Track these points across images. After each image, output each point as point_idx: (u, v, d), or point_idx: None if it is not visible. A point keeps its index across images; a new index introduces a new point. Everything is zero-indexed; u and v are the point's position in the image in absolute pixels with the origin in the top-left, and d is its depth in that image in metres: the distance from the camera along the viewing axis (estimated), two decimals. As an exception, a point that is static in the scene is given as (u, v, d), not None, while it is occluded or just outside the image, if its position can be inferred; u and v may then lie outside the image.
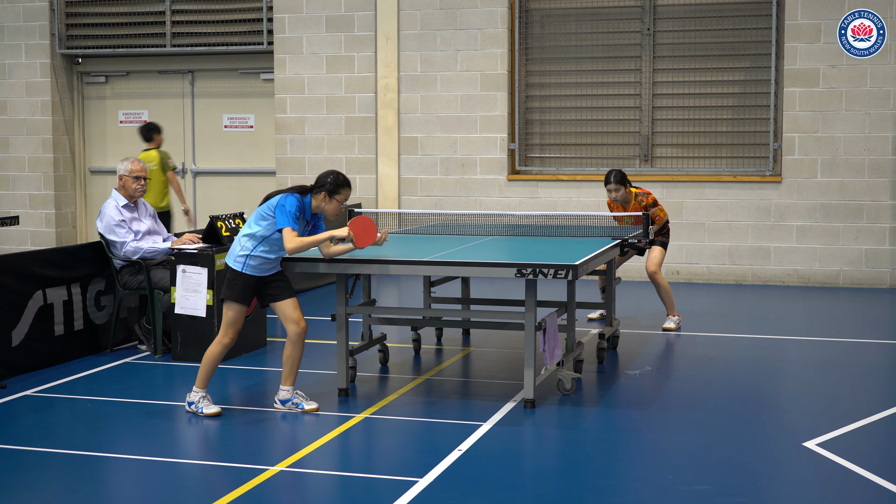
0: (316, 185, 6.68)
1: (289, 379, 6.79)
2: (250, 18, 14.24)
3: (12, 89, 14.97)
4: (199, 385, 6.74)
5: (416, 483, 5.43)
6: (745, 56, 12.71)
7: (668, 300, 9.79)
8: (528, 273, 6.55)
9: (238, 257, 6.64)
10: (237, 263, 6.63)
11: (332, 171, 6.72)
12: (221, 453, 6.03)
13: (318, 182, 6.68)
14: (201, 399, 6.72)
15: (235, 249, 6.67)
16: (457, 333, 9.28)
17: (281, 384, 6.84)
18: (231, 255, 6.68)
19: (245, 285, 6.62)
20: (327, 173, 6.69)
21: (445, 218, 11.55)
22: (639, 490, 5.47)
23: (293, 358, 6.73)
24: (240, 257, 6.63)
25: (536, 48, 13.30)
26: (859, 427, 6.50)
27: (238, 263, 6.63)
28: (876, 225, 12.28)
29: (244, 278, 6.62)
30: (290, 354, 6.72)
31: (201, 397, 6.73)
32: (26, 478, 5.63)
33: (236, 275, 6.63)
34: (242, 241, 6.65)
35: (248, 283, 6.62)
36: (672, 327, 9.68)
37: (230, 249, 6.72)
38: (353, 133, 13.75)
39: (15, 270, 7.90)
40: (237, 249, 6.66)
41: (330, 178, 6.65)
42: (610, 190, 9.45)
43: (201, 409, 6.68)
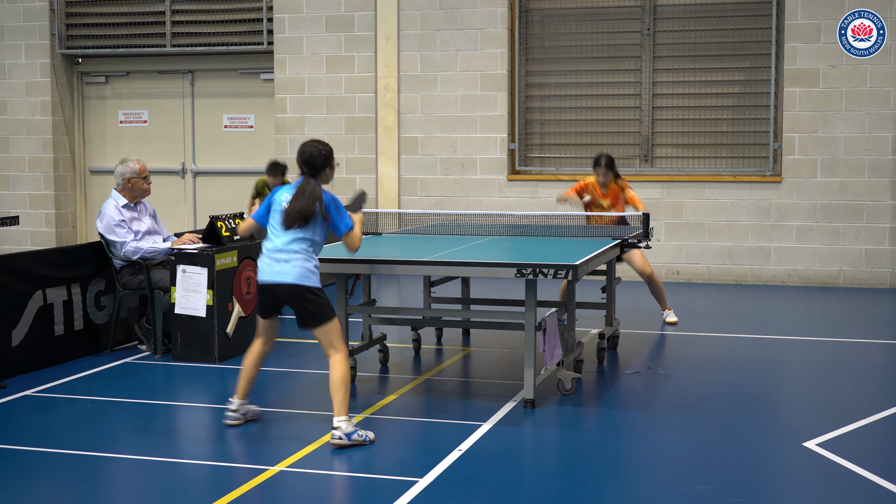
0: (318, 166, 6.20)
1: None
2: (250, 18, 14.24)
3: (12, 89, 14.97)
4: (343, 412, 6.02)
5: (416, 483, 5.43)
6: (745, 56, 12.72)
7: (662, 296, 10.02)
8: (528, 273, 6.55)
9: (313, 272, 6.14)
10: (316, 279, 6.14)
11: (314, 145, 6.23)
12: (221, 453, 6.02)
13: (318, 161, 6.19)
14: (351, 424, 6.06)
15: (303, 265, 6.09)
16: (457, 333, 9.28)
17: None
18: (298, 275, 6.08)
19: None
20: (315, 150, 6.19)
21: (445, 218, 11.55)
22: (639, 490, 5.47)
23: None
24: (314, 270, 6.15)
25: (536, 48, 13.30)
26: (859, 427, 6.50)
27: (317, 279, 6.15)
28: (876, 225, 12.28)
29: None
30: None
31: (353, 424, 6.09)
32: (26, 478, 5.63)
33: (322, 291, 6.15)
34: (306, 254, 6.12)
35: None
36: (675, 320, 9.98)
37: (286, 267, 6.08)
38: (353, 133, 13.75)
39: (15, 270, 7.90)
40: (306, 265, 6.11)
41: (324, 151, 6.20)
42: (598, 173, 9.68)
43: (367, 437, 6.07)
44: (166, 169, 14.95)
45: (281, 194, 6.26)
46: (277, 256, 6.15)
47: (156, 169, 14.24)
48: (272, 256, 6.18)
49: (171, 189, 14.97)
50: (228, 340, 8.33)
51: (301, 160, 6.23)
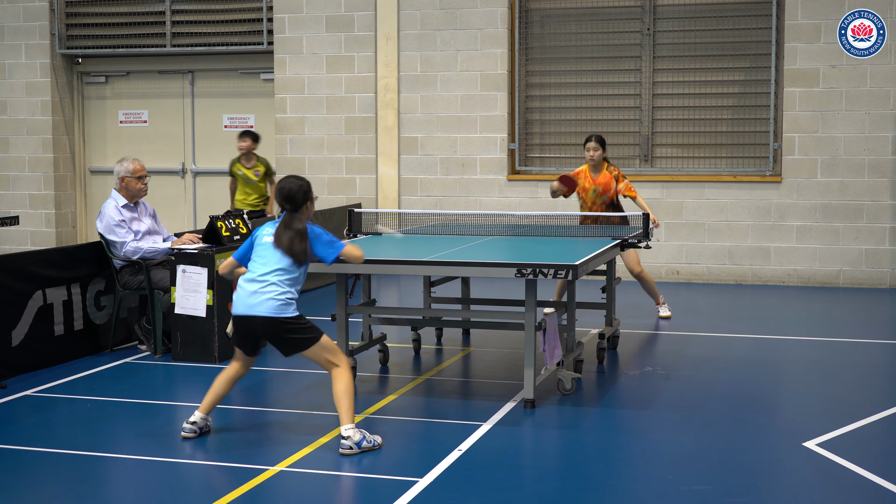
0: (299, 202, 6.12)
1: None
2: (250, 18, 14.24)
3: (12, 89, 14.97)
4: (349, 420, 5.99)
5: (416, 483, 5.43)
6: (745, 56, 12.71)
7: (655, 292, 10.16)
8: (528, 273, 6.55)
9: (288, 302, 6.05)
10: (292, 308, 6.06)
11: (293, 181, 6.16)
12: (221, 453, 6.02)
13: (299, 196, 6.11)
14: (359, 432, 6.01)
15: (277, 296, 6.01)
16: (457, 333, 9.27)
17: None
18: (274, 305, 6.00)
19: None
20: (294, 185, 6.12)
21: (445, 218, 11.55)
22: (639, 490, 5.47)
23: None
24: (290, 300, 6.06)
25: (536, 48, 13.30)
26: (859, 427, 6.50)
27: (293, 308, 6.08)
28: (876, 225, 12.28)
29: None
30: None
31: (361, 432, 6.03)
32: (26, 478, 5.63)
33: (300, 318, 6.10)
34: (282, 285, 6.02)
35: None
36: (669, 314, 10.17)
37: (264, 300, 6.00)
38: (353, 133, 13.75)
39: (15, 270, 7.90)
40: (282, 295, 6.02)
41: (304, 186, 6.13)
42: (589, 149, 9.65)
43: (375, 442, 6.04)
44: (166, 169, 14.95)
45: (263, 230, 6.19)
46: (252, 288, 6.05)
47: (156, 169, 14.24)
48: (246, 287, 6.08)
49: (171, 189, 14.97)
50: (228, 340, 8.32)
51: (280, 196, 6.12)
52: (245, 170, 12.21)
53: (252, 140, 12.23)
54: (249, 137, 12.25)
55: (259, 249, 6.17)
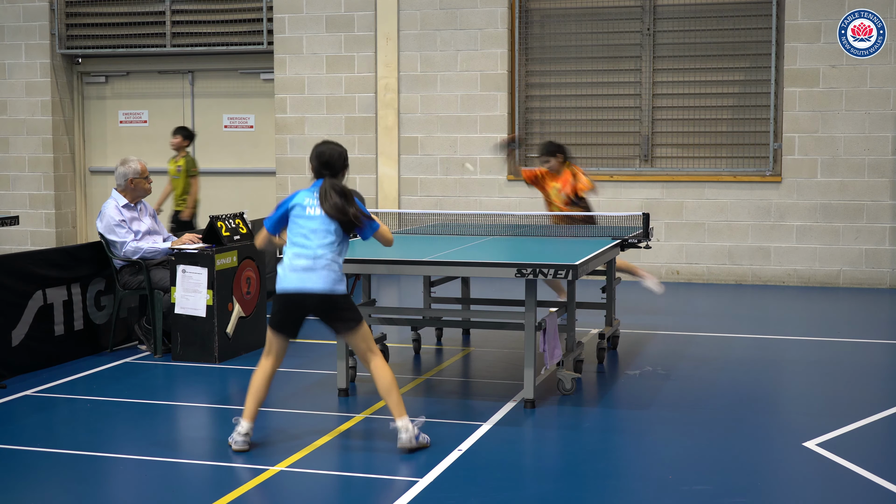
0: (337, 168, 5.95)
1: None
2: (250, 18, 14.24)
3: (12, 89, 14.97)
4: (403, 413, 5.90)
5: (416, 483, 5.43)
6: (745, 56, 12.71)
7: (633, 270, 10.05)
8: (528, 273, 6.55)
9: (342, 277, 5.91)
10: (345, 285, 5.91)
11: (330, 145, 6.00)
12: (221, 453, 6.02)
13: (338, 163, 5.95)
14: (415, 426, 5.92)
15: (331, 271, 5.84)
16: (457, 333, 9.27)
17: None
18: (329, 280, 5.84)
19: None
20: (333, 150, 5.95)
21: (445, 218, 11.55)
22: (639, 490, 5.46)
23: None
24: (342, 275, 5.91)
25: (536, 48, 13.30)
26: (859, 427, 6.50)
27: (345, 284, 5.92)
28: (876, 225, 12.28)
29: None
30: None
31: (415, 424, 5.94)
32: (26, 478, 5.63)
33: (350, 296, 5.99)
34: (333, 259, 5.86)
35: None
36: (656, 289, 10.05)
37: (319, 275, 5.82)
38: (353, 133, 13.75)
39: (15, 270, 7.90)
40: (335, 270, 5.86)
41: (342, 152, 5.96)
42: (542, 163, 9.67)
43: (427, 440, 5.96)
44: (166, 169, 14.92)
45: (301, 199, 5.93)
46: (303, 263, 5.85)
47: (156, 169, 14.22)
48: (295, 262, 5.87)
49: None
50: (228, 340, 8.32)
51: (319, 162, 5.93)
52: (172, 165, 12.10)
53: (182, 137, 12.03)
54: (179, 134, 12.06)
55: (302, 221, 5.89)
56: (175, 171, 12.01)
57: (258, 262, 8.74)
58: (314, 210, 5.91)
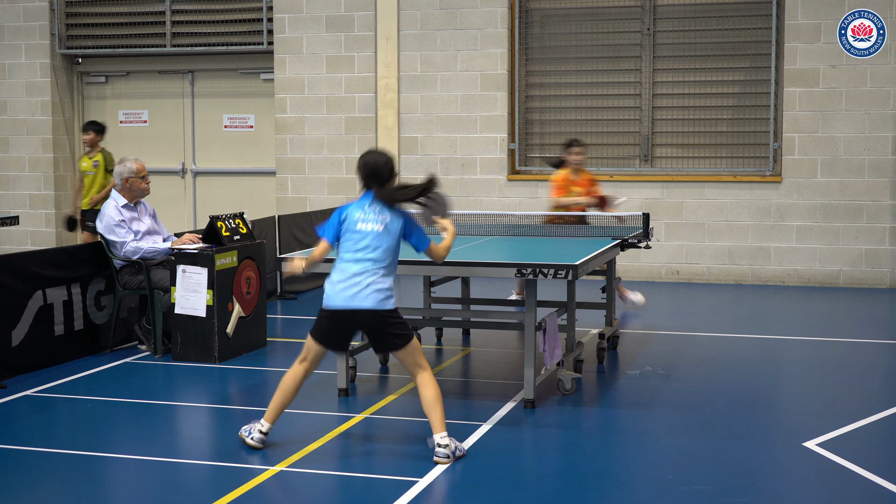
0: (384, 178, 5.87)
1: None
2: (250, 18, 14.24)
3: (12, 89, 14.97)
4: (443, 428, 5.83)
5: (416, 483, 5.43)
6: (745, 56, 12.71)
7: (619, 291, 10.28)
8: (528, 273, 6.55)
9: (391, 294, 5.87)
10: (393, 301, 5.87)
11: (377, 154, 5.90)
12: (221, 453, 6.02)
13: (384, 172, 5.87)
14: (453, 441, 5.88)
15: (381, 288, 5.81)
16: (457, 333, 9.27)
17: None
18: (377, 298, 5.79)
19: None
20: (380, 159, 5.85)
21: (445, 218, 11.53)
22: (639, 490, 5.47)
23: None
24: (392, 292, 5.87)
25: (536, 48, 13.30)
26: (859, 427, 6.50)
27: (394, 300, 5.89)
28: (876, 225, 12.28)
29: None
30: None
31: (453, 440, 5.90)
32: (26, 478, 5.63)
33: (398, 312, 5.91)
34: (382, 276, 5.83)
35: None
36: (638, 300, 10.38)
37: (368, 292, 5.78)
38: (353, 133, 13.75)
39: (15, 270, 7.90)
40: (385, 287, 5.83)
41: (389, 162, 5.89)
42: (578, 153, 10.07)
43: (462, 450, 5.90)
44: (166, 169, 14.95)
45: (354, 213, 5.86)
46: (353, 281, 5.80)
47: (156, 169, 14.23)
48: (344, 279, 5.82)
49: (171, 189, 14.97)
50: (228, 340, 8.33)
51: (366, 172, 5.86)
52: (87, 160, 12.05)
53: (95, 132, 11.99)
54: (92, 130, 12.01)
55: (354, 236, 5.85)
56: (91, 167, 11.96)
57: (258, 262, 8.74)
58: (366, 225, 5.85)
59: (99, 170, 11.95)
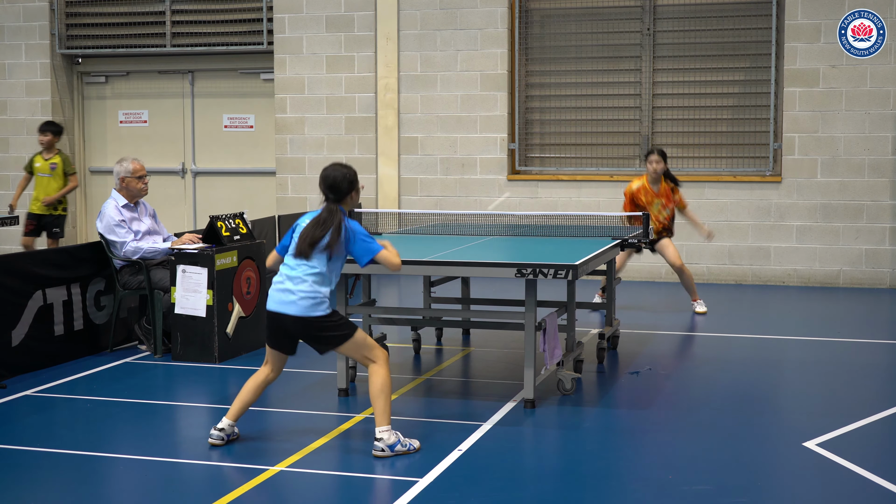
0: (343, 191, 5.90)
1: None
2: (250, 18, 14.24)
3: (12, 89, 14.96)
4: (384, 422, 5.87)
5: (416, 483, 5.43)
6: (745, 56, 12.71)
7: (693, 287, 10.56)
8: (528, 273, 6.55)
9: (321, 300, 5.85)
10: (324, 307, 5.87)
11: (338, 168, 5.93)
12: (221, 453, 6.02)
13: (343, 186, 5.89)
14: (394, 434, 5.90)
15: (309, 295, 5.81)
16: (457, 333, 9.27)
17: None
18: (304, 305, 5.81)
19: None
20: (339, 173, 5.89)
21: (445, 218, 11.55)
22: (639, 490, 5.46)
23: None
24: (323, 297, 5.86)
25: (536, 48, 13.30)
26: (859, 427, 6.50)
27: (325, 305, 5.88)
28: (876, 225, 12.28)
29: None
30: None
31: (396, 434, 5.92)
32: (26, 478, 5.63)
33: (332, 315, 5.92)
34: (313, 283, 5.82)
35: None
36: (704, 310, 10.52)
37: (297, 299, 5.82)
38: (353, 133, 13.75)
39: (15, 270, 7.90)
40: (314, 293, 5.82)
41: (349, 175, 5.90)
42: (652, 161, 10.28)
43: (411, 446, 5.92)
44: (166, 169, 14.95)
45: (303, 221, 5.94)
46: (284, 286, 5.88)
47: (156, 169, 14.24)
48: (279, 285, 5.92)
49: (171, 189, 14.97)
50: (228, 340, 8.33)
51: (325, 185, 5.88)
52: (43, 162, 12.03)
53: (53, 134, 11.97)
54: (49, 131, 11.97)
55: (295, 241, 5.94)
56: (47, 169, 11.97)
57: (258, 262, 8.74)
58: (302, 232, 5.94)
59: (57, 172, 12.01)
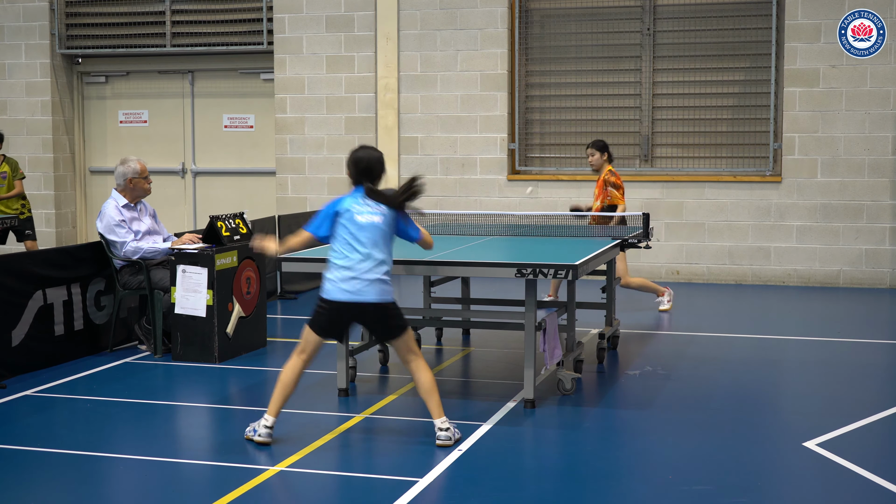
0: (377, 173, 5.98)
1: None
2: (250, 18, 14.24)
3: (12, 89, 14.96)
4: (442, 413, 6.04)
5: (416, 483, 5.43)
6: (745, 56, 12.72)
7: (649, 288, 10.48)
8: (528, 273, 6.55)
9: (391, 286, 5.98)
10: (393, 293, 5.99)
11: (369, 151, 6.01)
12: (221, 453, 6.02)
13: (378, 168, 5.97)
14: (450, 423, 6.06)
15: (382, 281, 5.92)
16: (457, 333, 9.27)
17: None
18: (383, 292, 5.93)
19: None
20: (373, 156, 5.96)
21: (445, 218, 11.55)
22: (639, 490, 5.46)
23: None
24: (391, 284, 5.98)
25: (536, 48, 13.30)
26: (859, 427, 6.50)
27: (393, 292, 6.01)
28: (876, 225, 12.28)
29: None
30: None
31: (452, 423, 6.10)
32: (26, 478, 5.63)
33: (396, 305, 6.06)
34: (382, 270, 5.92)
35: None
36: (668, 307, 10.46)
37: (373, 285, 5.88)
38: (353, 133, 13.75)
39: (15, 270, 7.90)
40: (385, 279, 5.93)
41: (381, 157, 6.00)
42: (588, 154, 10.27)
43: (458, 434, 6.07)
44: (166, 169, 14.95)
45: (350, 206, 5.93)
46: (358, 275, 5.88)
47: (156, 169, 14.23)
48: (350, 276, 5.89)
49: (171, 189, 14.97)
50: (228, 340, 8.33)
51: (357, 169, 5.95)
52: None
53: None
54: None
55: (352, 228, 5.91)
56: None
57: (258, 262, 8.74)
58: (365, 217, 5.93)
59: (7, 179, 12.05)
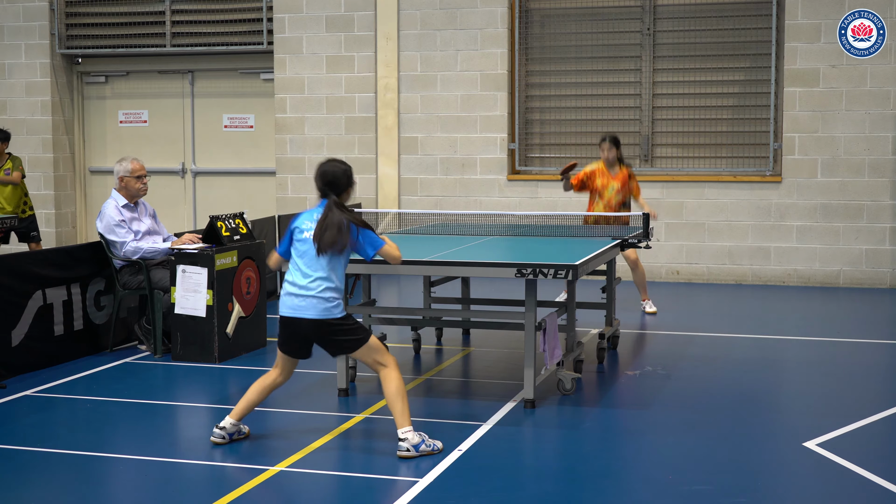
0: (342, 187, 5.92)
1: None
2: (250, 18, 14.24)
3: (12, 89, 14.96)
4: (406, 423, 5.87)
5: (416, 483, 5.43)
6: (745, 56, 12.71)
7: (644, 285, 10.51)
8: (528, 273, 6.55)
9: (335, 303, 5.89)
10: (339, 309, 5.91)
11: (335, 164, 5.94)
12: (222, 453, 6.02)
13: (342, 181, 5.91)
14: (418, 435, 5.89)
15: (323, 297, 5.83)
16: (457, 333, 9.27)
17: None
18: (324, 310, 5.83)
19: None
20: (337, 169, 5.90)
21: (445, 218, 11.55)
22: (639, 490, 5.47)
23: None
24: (337, 300, 5.90)
25: (536, 48, 13.30)
26: (859, 427, 6.50)
27: (340, 308, 5.92)
28: (876, 225, 12.28)
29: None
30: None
31: (420, 435, 5.92)
32: (26, 478, 5.63)
33: (347, 318, 5.96)
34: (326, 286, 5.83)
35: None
36: (654, 310, 10.45)
37: (312, 301, 5.83)
38: (353, 133, 13.75)
39: (15, 270, 7.90)
40: (327, 296, 5.84)
41: (346, 171, 5.92)
42: (603, 149, 10.24)
43: (434, 447, 5.90)
44: (166, 169, 14.95)
45: (302, 222, 5.93)
46: (297, 291, 5.87)
47: (156, 169, 14.24)
48: (291, 291, 5.90)
49: (171, 189, 14.97)
50: (228, 340, 8.33)
51: (323, 182, 5.89)
52: None
53: (1, 141, 12.02)
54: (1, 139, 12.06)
55: (299, 245, 5.91)
56: (3, 174, 12.00)
57: (258, 262, 8.74)
58: (308, 234, 5.90)
59: (16, 177, 12.09)
